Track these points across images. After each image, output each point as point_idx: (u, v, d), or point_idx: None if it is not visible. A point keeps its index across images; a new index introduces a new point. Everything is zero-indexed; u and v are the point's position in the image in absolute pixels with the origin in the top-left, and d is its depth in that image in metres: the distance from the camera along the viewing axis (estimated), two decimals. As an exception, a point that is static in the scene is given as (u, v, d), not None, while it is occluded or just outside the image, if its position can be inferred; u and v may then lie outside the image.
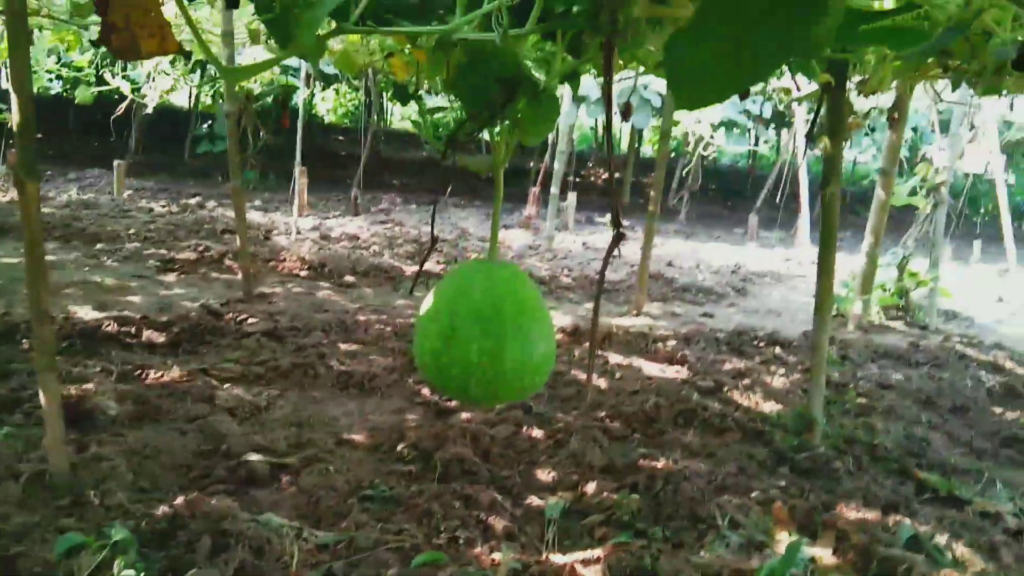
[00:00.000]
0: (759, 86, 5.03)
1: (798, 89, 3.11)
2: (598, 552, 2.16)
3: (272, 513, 2.20)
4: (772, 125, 12.01)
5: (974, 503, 2.75)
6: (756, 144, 11.59)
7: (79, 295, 4.18)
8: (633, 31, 0.97)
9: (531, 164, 12.85)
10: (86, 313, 3.76)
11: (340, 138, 18.19)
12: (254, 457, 2.49)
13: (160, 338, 3.53)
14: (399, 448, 2.75)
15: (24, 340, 3.32)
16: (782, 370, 4.09)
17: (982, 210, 12.81)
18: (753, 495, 2.59)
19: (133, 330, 3.52)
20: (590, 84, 8.12)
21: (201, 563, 1.90)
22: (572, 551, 2.20)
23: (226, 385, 3.12)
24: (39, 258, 2.13)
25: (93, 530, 1.98)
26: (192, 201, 7.63)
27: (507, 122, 1.27)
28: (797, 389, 3.77)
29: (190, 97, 8.29)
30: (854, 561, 2.26)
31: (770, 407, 3.46)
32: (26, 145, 2.07)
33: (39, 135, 6.96)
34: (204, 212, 7.14)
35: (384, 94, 12.96)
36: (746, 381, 3.83)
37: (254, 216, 7.20)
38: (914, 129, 10.07)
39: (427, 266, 5.89)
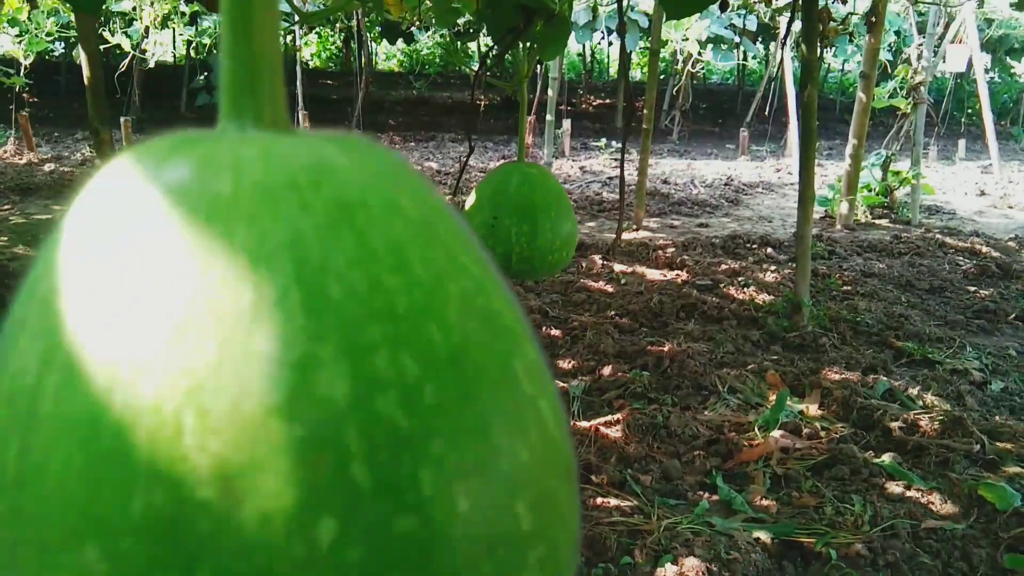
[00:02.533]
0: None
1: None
2: (617, 416, 2.54)
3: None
4: (759, 39, 12.09)
5: (945, 363, 3.12)
6: (744, 59, 11.70)
7: (119, 243, 4.49)
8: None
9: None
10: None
11: (328, 82, 18.17)
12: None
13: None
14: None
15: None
16: (773, 267, 4.43)
17: (969, 110, 12.97)
18: (749, 367, 2.96)
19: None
20: (576, 10, 8.25)
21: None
22: (595, 418, 2.57)
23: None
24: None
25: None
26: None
27: (528, 43, 1.56)
28: (787, 282, 4.11)
29: (187, 50, 8.42)
30: (836, 411, 2.63)
31: (763, 298, 3.81)
32: (97, 98, 2.35)
33: (35, 99, 7.10)
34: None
35: (368, 35, 12.97)
36: (740, 278, 4.17)
37: (262, 162, 7.43)
38: (897, 33, 10.19)
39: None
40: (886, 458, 2.28)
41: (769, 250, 4.83)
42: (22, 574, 0.17)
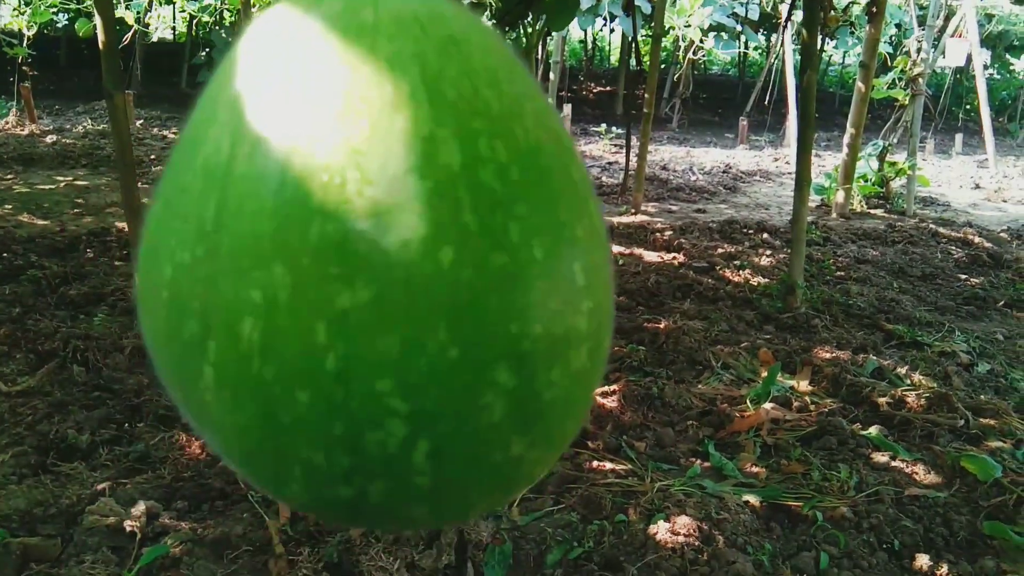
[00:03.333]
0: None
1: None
2: (614, 387, 2.61)
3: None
4: (761, 29, 12.11)
5: (934, 345, 3.20)
6: (745, 48, 11.72)
7: (122, 213, 4.53)
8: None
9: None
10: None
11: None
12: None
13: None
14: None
15: (88, 249, 3.69)
16: (769, 252, 4.50)
17: (968, 105, 13.03)
18: (742, 345, 3.03)
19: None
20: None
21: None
22: (592, 389, 2.64)
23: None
24: (130, 161, 2.49)
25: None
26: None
27: (538, 13, 1.62)
28: (782, 266, 4.17)
29: (189, 27, 8.41)
30: (826, 387, 2.71)
31: (758, 280, 3.88)
32: (111, 62, 2.40)
33: (34, 72, 7.06)
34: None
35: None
36: (736, 262, 4.24)
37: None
38: (898, 25, 10.23)
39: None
40: (873, 430, 2.35)
41: (765, 235, 4.89)
42: (222, 297, 0.23)
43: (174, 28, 13.53)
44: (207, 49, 9.35)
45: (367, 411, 0.23)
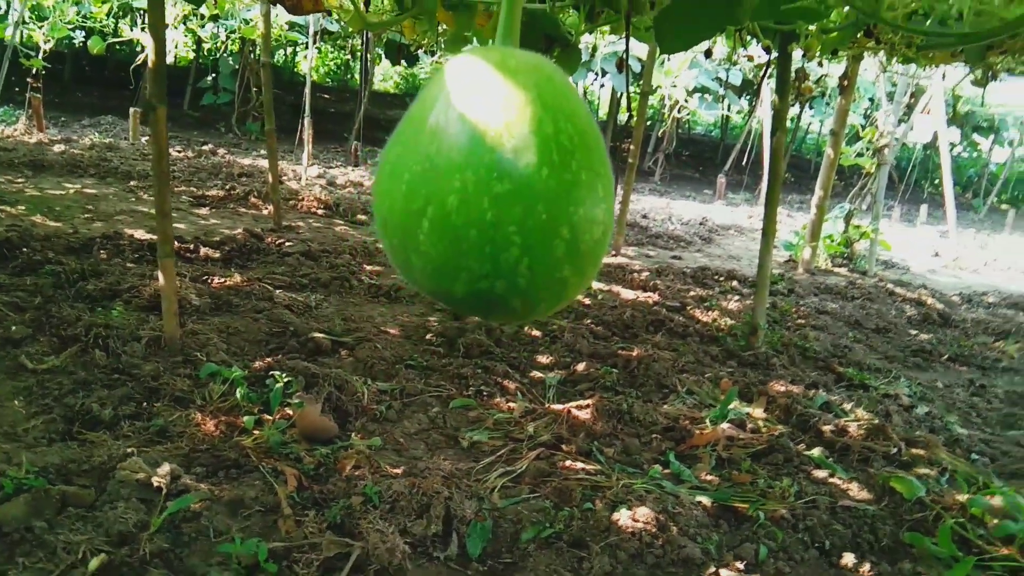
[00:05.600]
0: (726, 53, 5.66)
1: (768, 52, 3.76)
2: (588, 401, 2.87)
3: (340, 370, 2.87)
4: (744, 94, 12.70)
5: (879, 388, 3.50)
6: (727, 111, 12.28)
7: (131, 221, 4.77)
8: (638, 7, 1.63)
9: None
10: (142, 235, 4.34)
11: (326, 96, 18.54)
12: (318, 334, 3.15)
13: (215, 254, 4.15)
14: (427, 336, 3.42)
15: (102, 251, 3.92)
16: (737, 297, 4.82)
17: (936, 180, 13.65)
18: (706, 375, 3.31)
19: (191, 247, 4.14)
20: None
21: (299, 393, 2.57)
22: (567, 403, 2.90)
23: (279, 290, 3.75)
24: (165, 168, 2.74)
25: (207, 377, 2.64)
26: (205, 148, 8.16)
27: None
28: (748, 311, 4.49)
29: (197, 51, 8.73)
30: (778, 415, 2.99)
31: (724, 322, 4.18)
32: (157, 77, 2.67)
33: (39, 84, 7.26)
34: (217, 158, 7.67)
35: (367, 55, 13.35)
36: (706, 304, 4.55)
37: (262, 163, 7.75)
38: (871, 99, 10.83)
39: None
40: (815, 451, 2.63)
41: (734, 283, 5.22)
42: (437, 186, 0.51)
43: (175, 55, 13.88)
44: (214, 74, 9.67)
45: (502, 241, 0.50)
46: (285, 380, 2.57)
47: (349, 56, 20.94)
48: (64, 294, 3.24)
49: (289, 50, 18.12)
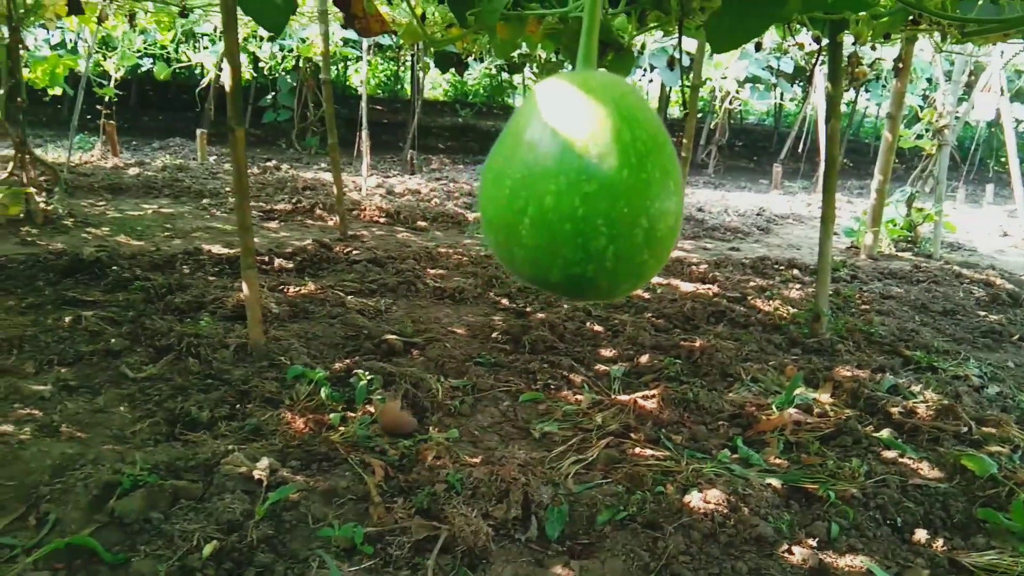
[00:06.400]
0: (777, 42, 5.65)
1: (818, 41, 3.77)
2: (653, 392, 2.95)
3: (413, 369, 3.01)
4: (796, 81, 12.52)
5: (948, 370, 3.48)
6: (780, 99, 12.12)
7: (207, 237, 5.03)
8: (690, 9, 1.72)
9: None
10: (219, 249, 4.58)
11: (377, 107, 18.91)
12: (390, 336, 3.30)
13: (288, 264, 4.36)
14: (493, 335, 3.54)
15: (184, 266, 4.16)
16: (798, 286, 4.82)
17: (1003, 158, 13.21)
18: (770, 363, 3.35)
19: (266, 259, 4.35)
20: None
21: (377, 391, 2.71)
22: (633, 393, 2.98)
23: (350, 296, 3.93)
24: (245, 185, 2.92)
25: (291, 380, 2.81)
26: (269, 164, 8.48)
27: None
28: (810, 299, 4.49)
29: (256, 71, 9.08)
30: (845, 399, 3.01)
31: (787, 310, 4.20)
32: (235, 101, 2.85)
33: (111, 111, 7.62)
34: (281, 174, 7.97)
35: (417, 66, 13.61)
36: (767, 293, 4.57)
37: (324, 176, 8.02)
38: (929, 80, 10.55)
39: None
40: (884, 433, 2.66)
41: (795, 271, 5.21)
42: (536, 189, 0.62)
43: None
44: (273, 92, 10.02)
45: (591, 232, 0.61)
46: (368, 378, 2.72)
47: (398, 67, 21.34)
48: (154, 307, 3.47)
49: (340, 65, 18.55)
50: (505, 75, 19.20)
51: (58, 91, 7.00)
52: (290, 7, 1.93)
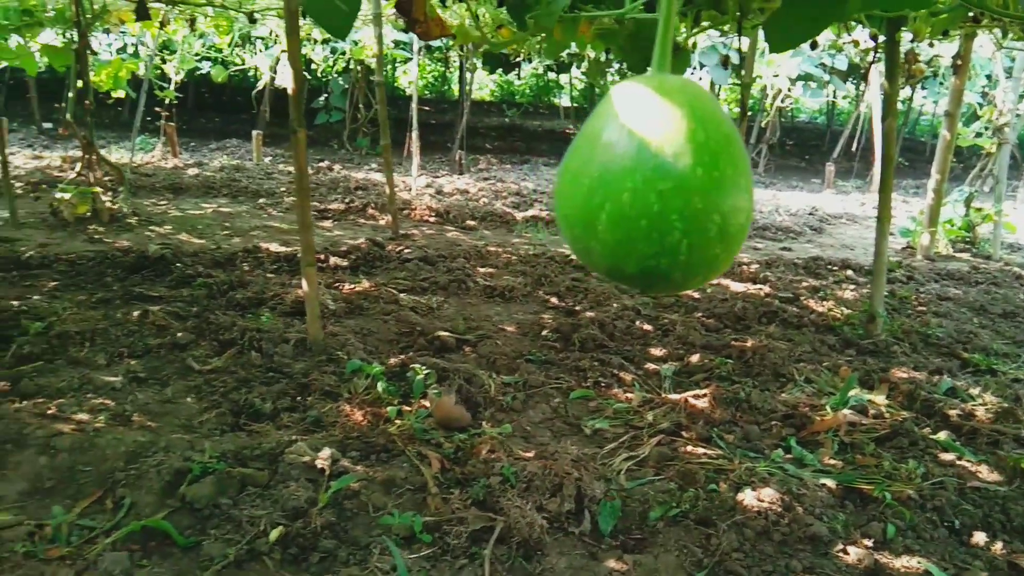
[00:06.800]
0: (831, 40, 5.57)
1: (875, 39, 3.72)
2: (705, 391, 2.95)
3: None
4: (849, 79, 12.27)
5: (1008, 372, 3.40)
6: (833, 96, 11.89)
7: (264, 236, 5.17)
8: (749, 9, 1.73)
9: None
10: (276, 248, 4.71)
11: (425, 108, 19.10)
12: (443, 333, 3.36)
13: (343, 262, 4.46)
14: (543, 333, 3.58)
15: (244, 264, 4.29)
16: (852, 287, 4.75)
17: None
18: (824, 364, 3.32)
19: (322, 257, 4.46)
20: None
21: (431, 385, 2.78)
22: (684, 392, 2.99)
23: (403, 293, 4.01)
24: (305, 185, 3.02)
25: (348, 374, 2.88)
26: (322, 165, 8.66)
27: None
28: (865, 300, 4.42)
29: (308, 73, 9.26)
30: (901, 401, 2.97)
31: (840, 311, 4.14)
32: (297, 103, 2.94)
33: (171, 113, 7.84)
34: (333, 174, 8.13)
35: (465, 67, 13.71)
36: (820, 294, 4.51)
37: (375, 176, 8.15)
38: (988, 76, 10.24)
39: (533, 212, 6.70)
40: (941, 435, 2.62)
41: (849, 272, 5.13)
42: (612, 187, 0.65)
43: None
44: (326, 95, 10.21)
45: (667, 227, 0.64)
46: (424, 372, 2.79)
47: (445, 68, 21.52)
48: (217, 303, 3.59)
49: (389, 67, 18.78)
50: (552, 75, 19.23)
51: (120, 94, 7.24)
52: (354, 12, 2.00)
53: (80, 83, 5.02)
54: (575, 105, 19.33)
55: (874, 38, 3.07)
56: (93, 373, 2.79)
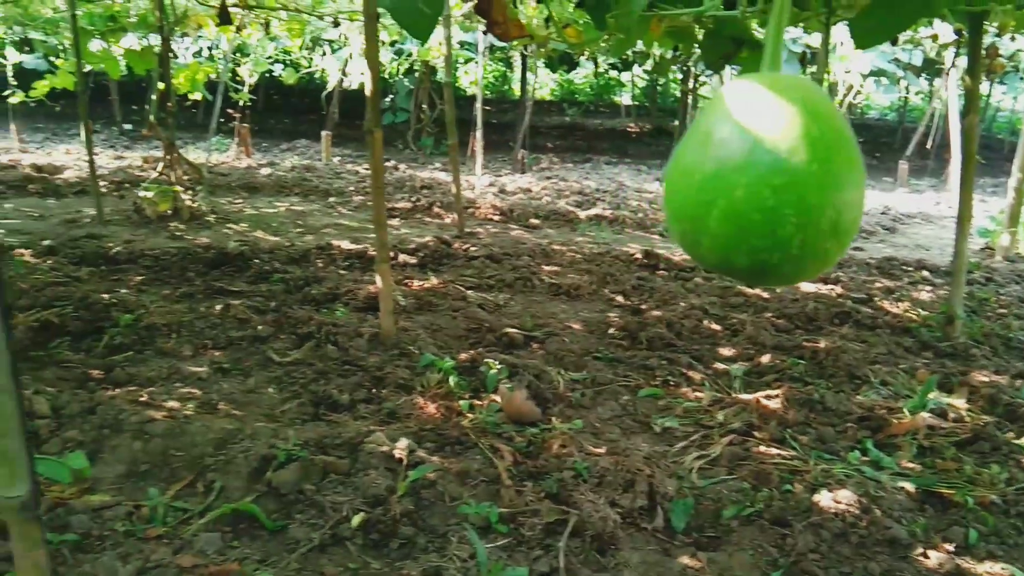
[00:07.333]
0: (908, 35, 5.42)
1: (959, 34, 3.62)
2: (777, 391, 2.92)
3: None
4: (923, 74, 11.88)
5: (1098, 379, 3.26)
6: (906, 92, 11.53)
7: (335, 233, 5.30)
8: (837, 6, 1.72)
9: (675, 123, 13.36)
10: (347, 245, 4.83)
11: (486, 107, 19.23)
12: (510, 329, 3.40)
13: (411, 260, 4.55)
14: (609, 331, 3.59)
15: (318, 260, 4.42)
16: (928, 288, 4.62)
17: None
18: (900, 366, 3.25)
19: (392, 254, 4.56)
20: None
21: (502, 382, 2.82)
22: (755, 393, 2.96)
23: (470, 290, 4.07)
24: (381, 184, 3.09)
25: (420, 368, 2.95)
26: (388, 164, 8.83)
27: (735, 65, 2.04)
28: (943, 301, 4.30)
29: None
30: (982, 405, 2.89)
31: (917, 313, 4.04)
32: (374, 104, 3.02)
33: (245, 115, 8.08)
34: (399, 174, 8.28)
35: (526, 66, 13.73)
36: (895, 295, 4.40)
37: (440, 175, 8.26)
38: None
39: (596, 211, 6.70)
40: (1027, 441, 2.54)
41: (925, 273, 4.99)
42: (725, 181, 0.68)
43: (360, 82, 14.99)
44: (391, 96, 10.40)
45: (780, 222, 0.66)
46: (498, 367, 2.84)
47: (507, 68, 21.62)
48: (293, 298, 3.71)
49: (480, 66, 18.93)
50: (613, 73, 19.13)
51: (197, 96, 7.51)
52: (436, 15, 2.06)
53: (162, 86, 5.24)
54: (636, 103, 19.20)
55: (958, 33, 2.98)
56: (180, 363, 2.92)
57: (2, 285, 0.84)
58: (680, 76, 11.73)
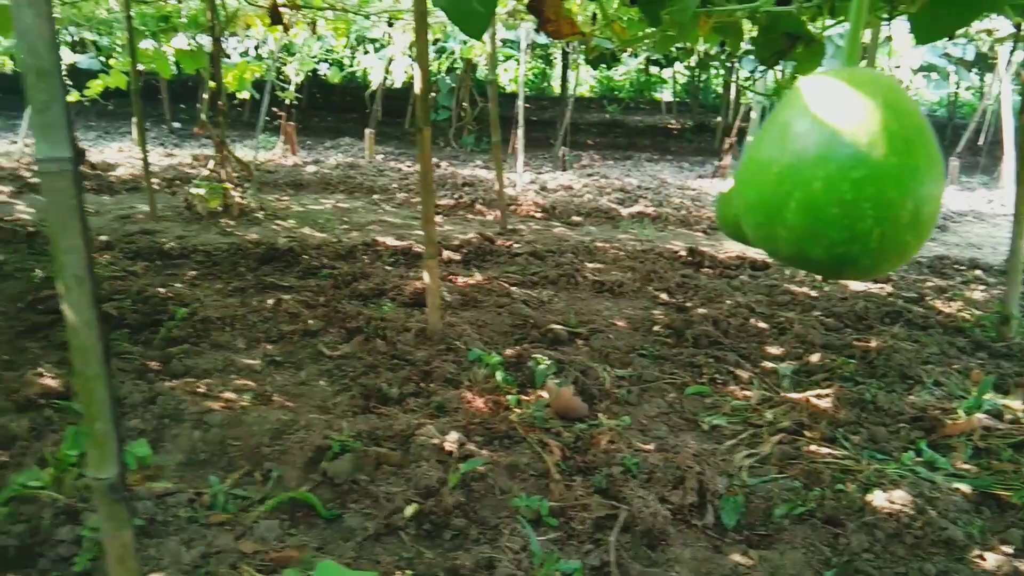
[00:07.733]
0: (962, 29, 5.30)
1: (1018, 28, 3.53)
2: (827, 391, 2.89)
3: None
4: (975, 69, 11.57)
5: None
6: (957, 88, 11.25)
7: (379, 230, 5.37)
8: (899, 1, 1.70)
9: (717, 119, 13.22)
10: (392, 242, 4.89)
11: (526, 105, 19.24)
12: (555, 326, 3.42)
13: (455, 256, 4.59)
14: (654, 328, 3.58)
15: (364, 256, 4.48)
16: (982, 287, 4.51)
17: None
18: (954, 366, 3.19)
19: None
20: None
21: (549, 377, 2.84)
22: (804, 392, 2.93)
23: (514, 287, 4.09)
24: (430, 181, 3.13)
25: (467, 363, 2.98)
26: (430, 161, 8.92)
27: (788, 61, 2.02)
28: (998, 300, 4.20)
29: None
30: (1041, 407, 2.82)
31: (970, 312, 3.95)
32: (424, 102, 3.06)
33: (291, 113, 8.19)
34: (441, 171, 8.34)
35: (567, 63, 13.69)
36: (947, 294, 4.31)
37: (481, 173, 8.31)
38: None
39: (638, 208, 6.67)
40: (1089, 444, 2.48)
41: (978, 272, 4.88)
42: (802, 174, 0.68)
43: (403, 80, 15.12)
44: (434, 93, 10.47)
45: (858, 215, 0.67)
46: (547, 362, 2.86)
47: (547, 65, 21.61)
48: (342, 293, 3.78)
49: (525, 64, 18.98)
50: (654, 69, 18.99)
51: (245, 95, 7.65)
52: (490, 13, 2.08)
53: (214, 85, 5.36)
54: (677, 100, 19.04)
55: (1017, 27, 2.92)
56: (234, 356, 2.99)
57: (95, 283, 0.88)
58: (723, 72, 11.60)
